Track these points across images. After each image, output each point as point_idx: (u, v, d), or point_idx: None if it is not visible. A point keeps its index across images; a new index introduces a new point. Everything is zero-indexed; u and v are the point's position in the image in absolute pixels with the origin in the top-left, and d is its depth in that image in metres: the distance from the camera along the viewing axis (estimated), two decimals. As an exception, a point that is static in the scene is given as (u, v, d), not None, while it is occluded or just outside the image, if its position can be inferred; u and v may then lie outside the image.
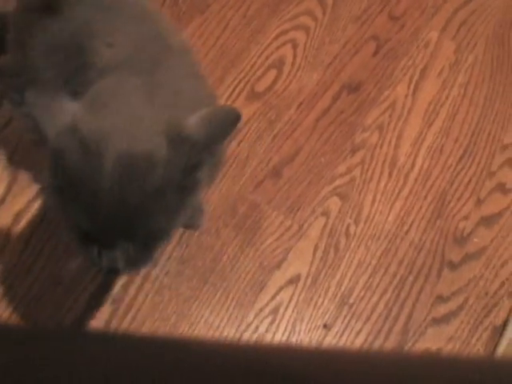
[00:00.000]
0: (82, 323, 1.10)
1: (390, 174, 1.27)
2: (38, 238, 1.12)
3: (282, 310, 1.16)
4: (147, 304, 1.12)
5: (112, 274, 0.72)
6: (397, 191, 1.27)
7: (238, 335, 1.13)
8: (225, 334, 1.13)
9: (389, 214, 1.25)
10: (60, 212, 0.70)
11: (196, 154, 0.68)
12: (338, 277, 1.19)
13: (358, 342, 1.16)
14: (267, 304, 1.16)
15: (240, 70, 1.29)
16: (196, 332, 1.12)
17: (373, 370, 0.48)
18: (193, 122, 0.69)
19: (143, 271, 1.13)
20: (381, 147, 1.29)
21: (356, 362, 0.50)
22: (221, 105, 1.16)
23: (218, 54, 1.29)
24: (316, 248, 1.20)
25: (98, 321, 1.10)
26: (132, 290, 1.12)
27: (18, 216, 1.13)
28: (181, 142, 0.67)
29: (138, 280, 1.12)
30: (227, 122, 0.70)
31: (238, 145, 1.23)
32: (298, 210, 1.22)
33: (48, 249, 1.12)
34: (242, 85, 1.28)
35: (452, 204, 1.28)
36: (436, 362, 0.53)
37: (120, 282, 1.12)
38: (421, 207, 1.26)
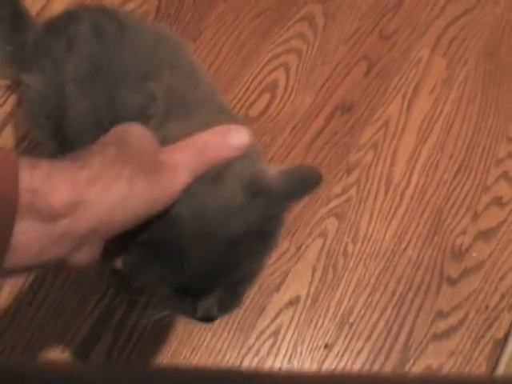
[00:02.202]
0: (84, 352, 1.11)
1: (386, 192, 1.28)
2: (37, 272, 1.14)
3: (282, 332, 1.17)
4: (148, 330, 1.13)
5: (207, 322, 0.73)
6: (393, 209, 1.28)
7: (239, 359, 1.14)
8: (226, 357, 1.14)
9: (386, 232, 1.26)
10: (140, 280, 0.71)
11: (273, 207, 0.68)
12: (337, 296, 1.20)
13: (360, 361, 1.17)
14: (268, 326, 1.17)
15: (234, 95, 1.31)
16: (198, 357, 1.13)
17: None
18: (273, 174, 0.68)
19: (144, 299, 1.14)
20: (376, 166, 1.30)
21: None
22: (303, 164, 1.20)
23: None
24: (314, 269, 1.21)
25: (100, 349, 1.11)
26: (133, 318, 1.13)
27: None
28: (259, 191, 0.66)
29: (139, 306, 1.14)
30: (308, 182, 0.69)
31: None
32: (295, 232, 1.23)
33: (50, 277, 1.14)
34: (236, 110, 1.29)
35: (449, 220, 1.29)
36: (435, 381, 0.54)
37: (122, 309, 1.14)
38: (418, 224, 1.27)
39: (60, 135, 0.92)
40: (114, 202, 0.56)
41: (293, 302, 1.19)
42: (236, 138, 0.67)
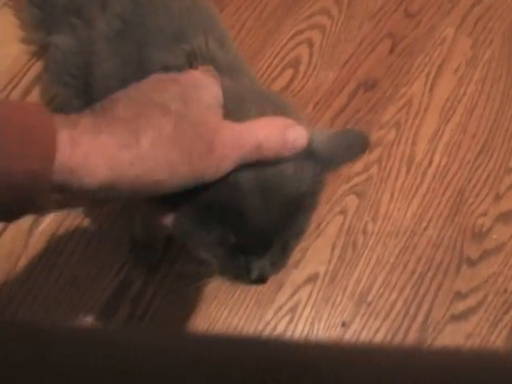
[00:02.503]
0: (101, 324, 1.11)
1: (408, 171, 1.27)
2: (57, 239, 1.14)
3: (300, 309, 1.16)
4: (165, 304, 1.13)
5: (260, 282, 0.73)
6: (414, 188, 1.26)
7: (256, 334, 1.14)
8: (243, 333, 1.14)
9: (407, 212, 1.25)
10: (198, 235, 0.71)
11: (321, 170, 0.69)
12: (356, 275, 1.20)
13: (377, 340, 1.16)
14: (285, 303, 1.16)
15: (256, 70, 1.29)
16: (215, 331, 1.13)
17: (390, 363, 0.48)
18: (322, 137, 0.69)
19: (162, 271, 1.14)
20: (398, 145, 1.29)
21: (373, 355, 0.50)
22: (351, 129, 1.20)
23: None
24: (334, 246, 1.21)
25: (117, 321, 1.11)
26: (150, 290, 1.13)
27: (37, 218, 1.14)
28: (309, 155, 0.67)
29: (156, 280, 1.13)
30: (356, 146, 0.71)
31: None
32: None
33: (68, 250, 1.14)
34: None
35: (470, 200, 1.28)
36: (455, 355, 0.53)
37: (138, 282, 1.13)
38: (439, 204, 1.26)
39: (86, 94, 0.92)
40: (150, 184, 0.57)
41: (311, 279, 1.18)
42: (295, 138, 0.66)
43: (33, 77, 1.21)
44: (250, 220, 0.67)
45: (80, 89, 0.96)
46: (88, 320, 1.11)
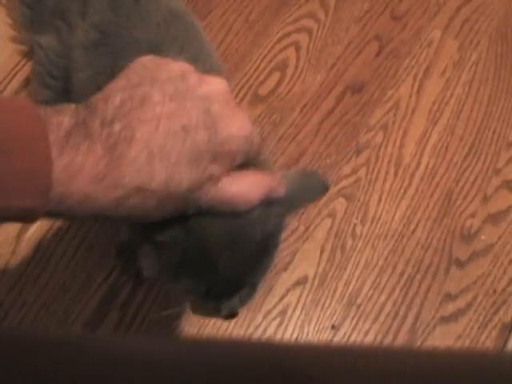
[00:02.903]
0: (89, 330, 1.11)
1: (396, 174, 1.28)
2: (45, 246, 1.13)
3: (289, 312, 1.16)
4: (154, 309, 1.13)
5: (230, 318, 0.77)
6: (403, 190, 1.27)
7: (246, 338, 1.13)
8: (233, 336, 1.13)
9: (395, 214, 1.25)
10: (173, 284, 0.74)
11: (284, 213, 0.72)
12: (345, 277, 1.20)
13: (367, 342, 1.16)
14: (275, 306, 1.16)
15: (243, 73, 1.30)
16: (205, 335, 1.12)
17: (380, 364, 0.48)
18: (285, 181, 0.71)
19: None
20: (386, 147, 1.29)
21: (363, 358, 0.50)
22: (310, 170, 1.19)
23: (221, 58, 1.29)
24: (323, 249, 1.21)
25: (106, 328, 1.11)
26: (140, 295, 1.13)
27: (25, 224, 1.14)
28: (272, 201, 0.69)
29: (145, 286, 1.13)
30: (316, 188, 0.74)
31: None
32: (303, 211, 1.22)
33: (56, 256, 1.13)
34: (245, 88, 1.29)
35: (458, 202, 1.28)
36: (443, 357, 0.53)
37: (128, 287, 1.13)
38: (427, 206, 1.26)
39: (66, 97, 0.92)
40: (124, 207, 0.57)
41: (300, 282, 1.18)
42: (276, 196, 0.68)
43: (23, 78, 1.21)
44: (220, 270, 0.69)
45: (60, 92, 0.96)
46: (77, 326, 1.11)
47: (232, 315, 0.77)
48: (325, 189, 0.74)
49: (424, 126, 1.32)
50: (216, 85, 0.62)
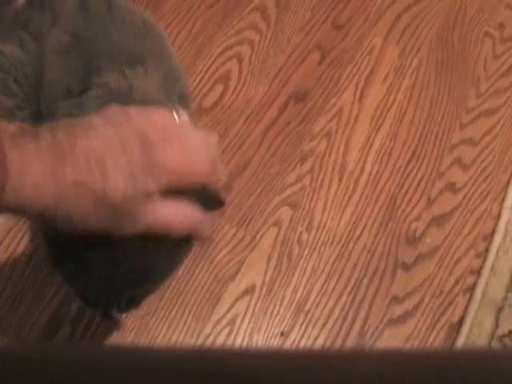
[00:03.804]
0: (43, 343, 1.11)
1: (340, 181, 1.29)
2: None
3: (238, 321, 1.17)
4: (105, 322, 1.13)
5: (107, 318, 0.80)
6: (347, 197, 1.28)
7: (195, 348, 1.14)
8: (183, 346, 1.14)
9: (340, 220, 1.27)
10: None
11: None
12: (292, 285, 1.21)
13: (316, 348, 1.18)
14: (224, 316, 1.17)
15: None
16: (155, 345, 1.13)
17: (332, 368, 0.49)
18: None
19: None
20: (329, 155, 1.31)
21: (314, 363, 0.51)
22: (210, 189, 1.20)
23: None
24: (269, 258, 1.22)
25: (58, 341, 1.11)
26: (90, 310, 1.13)
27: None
28: None
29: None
30: (211, 207, 0.73)
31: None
32: (249, 221, 1.23)
33: (7, 271, 1.13)
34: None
35: (403, 206, 1.30)
36: (391, 357, 0.55)
37: (77, 302, 1.13)
38: (372, 211, 1.28)
39: (32, 105, 0.92)
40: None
41: (248, 291, 1.19)
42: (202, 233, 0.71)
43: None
44: (94, 286, 0.72)
45: (25, 99, 0.96)
46: (29, 340, 1.11)
47: (107, 318, 0.80)
48: (220, 203, 0.74)
49: (367, 132, 1.34)
50: (157, 115, 0.66)
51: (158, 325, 1.15)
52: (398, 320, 1.22)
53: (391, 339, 1.20)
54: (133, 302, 0.80)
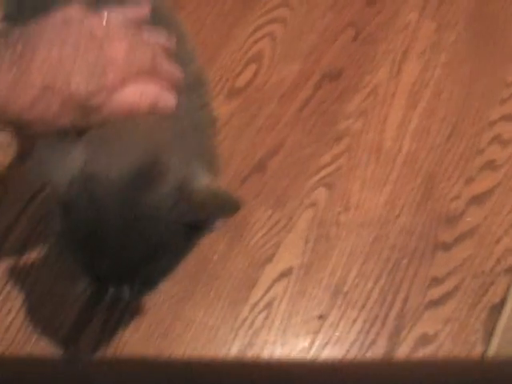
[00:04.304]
0: (75, 335, 1.11)
1: (377, 160, 1.27)
2: (28, 252, 1.13)
3: (276, 304, 1.16)
4: (141, 307, 1.12)
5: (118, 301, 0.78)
6: (385, 176, 1.26)
7: (233, 333, 1.13)
8: (220, 331, 1.13)
9: (378, 200, 1.24)
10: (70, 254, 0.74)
11: (189, 217, 0.71)
12: (330, 266, 1.19)
13: (355, 331, 1.16)
14: (261, 299, 1.16)
15: (219, 67, 1.29)
16: (191, 332, 1.12)
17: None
18: (201, 187, 0.72)
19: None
20: (366, 133, 1.28)
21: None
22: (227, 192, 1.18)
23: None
24: (307, 239, 1.20)
25: (94, 326, 1.11)
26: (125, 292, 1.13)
27: (6, 232, 1.14)
28: (182, 200, 0.70)
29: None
30: (226, 209, 0.73)
31: (222, 142, 1.23)
32: (285, 202, 1.21)
33: (37, 265, 1.13)
34: (222, 82, 1.28)
35: (442, 184, 1.27)
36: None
37: (112, 289, 1.13)
38: (410, 190, 1.26)
39: None
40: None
41: (285, 274, 1.18)
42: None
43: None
44: (108, 255, 0.70)
45: None
46: (64, 329, 1.11)
47: (119, 299, 0.79)
48: (235, 210, 0.73)
49: (404, 109, 1.31)
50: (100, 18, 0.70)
51: (194, 310, 1.14)
52: (437, 301, 1.20)
53: (431, 321, 1.18)
54: (146, 284, 0.78)
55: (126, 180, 0.68)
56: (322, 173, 1.24)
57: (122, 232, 0.68)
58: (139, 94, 0.72)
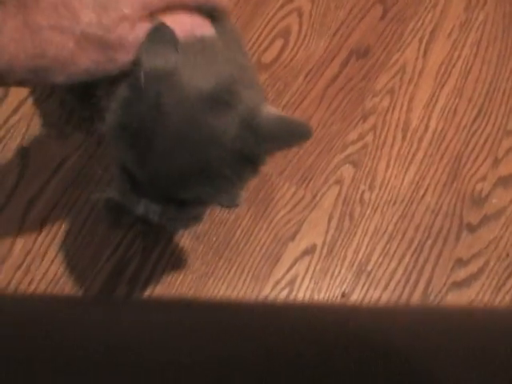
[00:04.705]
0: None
1: (404, 138, 1.25)
2: (52, 223, 1.13)
3: (298, 282, 1.15)
4: (163, 281, 1.12)
5: (145, 224, 0.73)
6: (411, 155, 1.25)
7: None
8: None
9: (404, 179, 1.23)
10: (114, 150, 0.71)
11: (255, 146, 0.68)
12: (354, 245, 1.18)
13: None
14: (283, 276, 1.15)
15: (246, 42, 1.28)
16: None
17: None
18: (268, 116, 0.69)
19: (159, 249, 1.13)
20: (392, 112, 1.27)
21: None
22: (298, 118, 1.15)
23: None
24: (331, 217, 1.19)
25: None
26: (148, 268, 1.12)
27: (31, 202, 1.14)
28: (249, 128, 0.67)
29: (153, 257, 1.13)
30: (296, 135, 0.70)
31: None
32: (310, 179, 1.20)
33: (63, 232, 1.13)
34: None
35: (468, 165, 1.26)
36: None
37: (135, 262, 1.12)
38: (436, 170, 1.24)
39: None
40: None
41: (309, 251, 1.17)
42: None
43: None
44: (158, 161, 0.66)
45: None
46: (85, 301, 1.10)
47: (147, 221, 0.73)
48: (307, 136, 0.70)
49: (431, 89, 1.30)
50: None
51: (216, 284, 1.13)
52: (461, 283, 1.19)
53: (454, 303, 1.17)
54: (181, 211, 0.73)
55: (200, 97, 0.66)
56: (348, 150, 1.23)
57: (180, 143, 0.65)
58: (169, 23, 0.67)
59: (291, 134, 0.70)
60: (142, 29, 0.65)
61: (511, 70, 1.33)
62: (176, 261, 1.13)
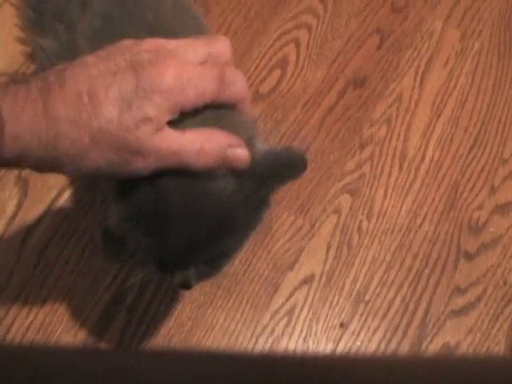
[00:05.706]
0: (97, 334, 1.10)
1: (401, 168, 1.26)
2: (50, 252, 1.13)
3: (297, 311, 1.15)
4: (161, 311, 1.12)
5: (184, 288, 0.75)
6: (408, 184, 1.25)
7: (253, 339, 1.13)
8: (240, 338, 1.13)
9: (401, 208, 1.24)
10: (132, 239, 0.72)
11: (257, 190, 0.68)
12: (352, 274, 1.19)
13: (376, 340, 1.15)
14: (282, 306, 1.15)
15: (244, 72, 1.28)
16: (211, 337, 1.12)
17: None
18: (260, 154, 0.69)
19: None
20: (389, 141, 1.28)
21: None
22: (290, 146, 1.15)
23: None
24: (329, 246, 1.20)
25: (113, 331, 1.10)
26: (146, 299, 1.12)
27: (30, 231, 1.13)
28: (245, 174, 0.67)
29: (151, 288, 1.13)
30: (294, 166, 0.71)
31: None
32: (308, 209, 1.21)
33: (61, 262, 1.13)
34: (246, 87, 1.28)
35: (465, 194, 1.26)
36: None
37: (134, 290, 1.12)
38: (433, 199, 1.25)
39: None
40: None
41: (307, 281, 1.17)
42: (235, 158, 0.66)
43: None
44: (174, 235, 0.67)
45: None
46: (84, 330, 1.10)
47: (185, 286, 0.74)
48: (303, 165, 0.70)
49: (428, 118, 1.31)
50: (149, 41, 0.65)
51: (215, 315, 1.13)
52: (460, 311, 1.19)
53: (453, 331, 1.18)
54: (212, 266, 0.75)
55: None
56: (346, 179, 1.24)
57: (186, 208, 0.65)
58: (198, 137, 0.63)
59: (288, 169, 0.70)
60: (165, 139, 0.61)
61: (506, 100, 1.35)
62: (174, 291, 1.13)
